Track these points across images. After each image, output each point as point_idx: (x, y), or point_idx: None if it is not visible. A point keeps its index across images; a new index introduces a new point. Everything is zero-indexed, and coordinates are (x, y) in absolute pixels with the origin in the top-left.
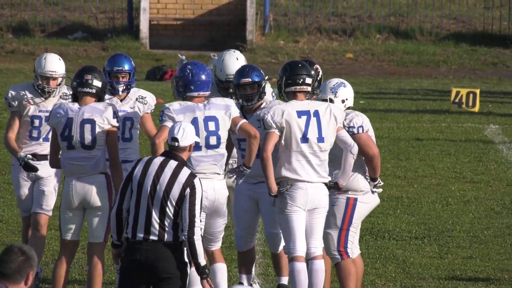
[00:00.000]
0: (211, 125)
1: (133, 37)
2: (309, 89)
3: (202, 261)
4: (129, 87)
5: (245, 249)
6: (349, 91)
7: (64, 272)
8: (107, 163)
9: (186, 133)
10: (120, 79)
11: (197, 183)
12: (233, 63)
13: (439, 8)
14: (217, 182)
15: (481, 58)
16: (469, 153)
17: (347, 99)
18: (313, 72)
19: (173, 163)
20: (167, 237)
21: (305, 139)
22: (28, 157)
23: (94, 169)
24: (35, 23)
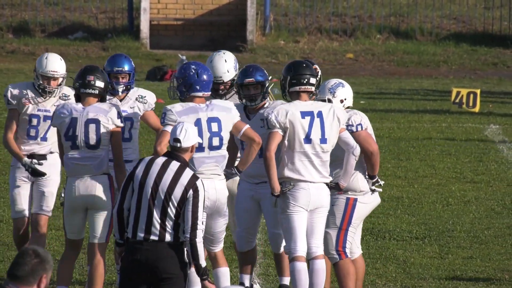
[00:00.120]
0: (214, 126)
1: (133, 37)
2: (313, 89)
3: (203, 263)
4: (128, 88)
5: (246, 250)
6: (347, 91)
7: (69, 268)
8: (110, 164)
9: (188, 134)
10: (120, 79)
11: (199, 185)
12: (222, 65)
13: (439, 8)
14: (218, 182)
15: (482, 58)
16: (470, 153)
17: (345, 99)
18: None
19: (175, 164)
20: (167, 238)
21: (308, 139)
22: (34, 162)
23: (98, 169)
24: (36, 23)
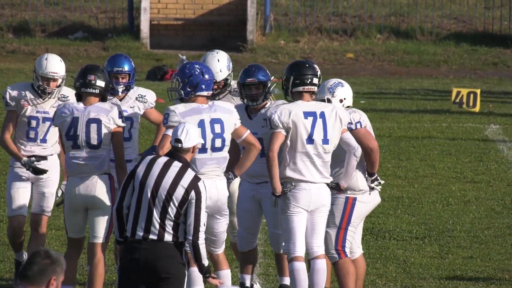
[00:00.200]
0: (217, 127)
1: (133, 37)
2: (316, 89)
3: (205, 262)
4: (128, 88)
5: (247, 250)
6: (347, 91)
7: (72, 268)
8: (111, 164)
9: (189, 134)
10: (120, 80)
11: (201, 186)
12: (215, 64)
13: (439, 8)
14: (219, 182)
15: (482, 58)
16: (470, 153)
17: (345, 99)
18: None
19: (177, 164)
20: (167, 237)
21: (310, 140)
22: (32, 160)
23: (99, 169)
24: (36, 23)
